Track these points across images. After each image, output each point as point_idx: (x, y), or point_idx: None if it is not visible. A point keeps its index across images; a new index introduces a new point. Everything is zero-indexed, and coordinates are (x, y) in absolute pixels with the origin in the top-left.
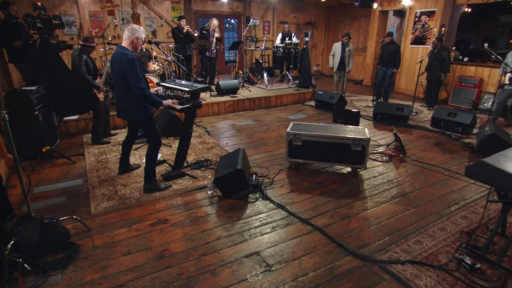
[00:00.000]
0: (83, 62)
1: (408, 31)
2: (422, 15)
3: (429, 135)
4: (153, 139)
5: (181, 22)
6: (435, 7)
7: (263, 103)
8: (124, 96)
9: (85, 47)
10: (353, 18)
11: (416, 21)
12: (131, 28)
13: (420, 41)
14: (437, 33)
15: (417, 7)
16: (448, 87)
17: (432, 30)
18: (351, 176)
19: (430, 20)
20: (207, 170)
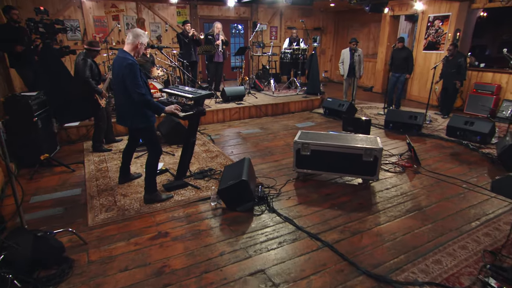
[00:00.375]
0: (87, 66)
1: (420, 37)
2: (436, 20)
3: (445, 145)
4: (153, 147)
5: (186, 26)
6: (449, 12)
7: (270, 110)
8: (124, 102)
9: (90, 51)
10: (363, 24)
11: (429, 26)
12: (135, 32)
13: (433, 47)
14: (451, 38)
15: (430, 11)
16: (463, 94)
17: (446, 35)
18: (363, 188)
19: (444, 25)
20: (211, 180)
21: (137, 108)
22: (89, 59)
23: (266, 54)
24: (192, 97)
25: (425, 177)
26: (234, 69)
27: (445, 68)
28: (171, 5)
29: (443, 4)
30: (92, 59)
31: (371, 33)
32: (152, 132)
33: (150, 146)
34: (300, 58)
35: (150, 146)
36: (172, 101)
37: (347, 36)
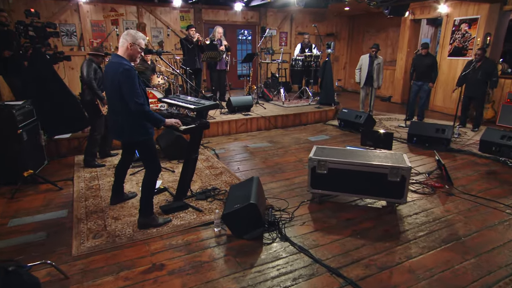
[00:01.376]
0: (92, 69)
1: (445, 42)
2: (462, 23)
3: (478, 162)
4: (151, 164)
5: (190, 31)
6: (478, 14)
7: (280, 122)
8: (119, 112)
9: (95, 57)
10: (380, 29)
11: (454, 31)
12: (126, 33)
13: (459, 53)
14: (481, 43)
15: (456, 14)
16: (495, 104)
17: (475, 40)
18: (387, 212)
19: (472, 28)
20: (214, 202)
21: (134, 120)
22: (94, 64)
23: (275, 62)
24: (194, 108)
25: (460, 199)
26: (241, 78)
27: (471, 75)
28: (174, 9)
29: (471, 6)
30: (98, 65)
31: (389, 39)
32: (150, 146)
33: (147, 162)
34: (313, 65)
35: (148, 162)
36: (173, 113)
37: (362, 42)
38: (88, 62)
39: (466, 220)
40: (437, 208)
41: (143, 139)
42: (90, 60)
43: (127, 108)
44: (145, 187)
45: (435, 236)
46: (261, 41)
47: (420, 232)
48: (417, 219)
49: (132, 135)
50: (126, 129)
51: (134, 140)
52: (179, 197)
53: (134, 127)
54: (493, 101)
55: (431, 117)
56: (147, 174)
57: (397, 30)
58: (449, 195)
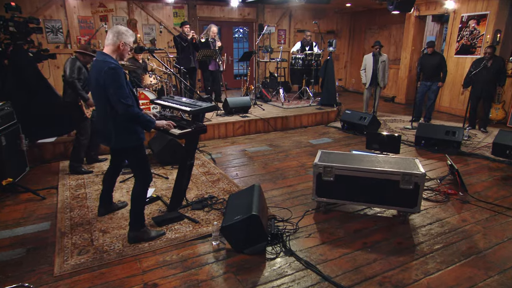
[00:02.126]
0: (75, 68)
1: (452, 39)
2: (470, 20)
3: (492, 166)
4: (141, 172)
5: (185, 28)
6: (487, 10)
7: (279, 124)
8: (106, 115)
9: (82, 56)
10: (382, 26)
11: (462, 27)
12: (116, 30)
13: (467, 51)
14: (490, 40)
15: (464, 10)
16: (506, 105)
17: (484, 37)
18: (399, 222)
19: (481, 25)
20: (211, 212)
21: (123, 123)
22: (79, 62)
23: (274, 60)
24: (190, 110)
25: (476, 208)
26: (237, 77)
27: (483, 75)
28: (167, 5)
29: (479, 2)
30: (84, 64)
31: (392, 36)
32: (140, 153)
33: (137, 171)
34: (314, 64)
35: (138, 171)
36: (166, 115)
37: (364, 40)
38: (72, 60)
39: (485, 231)
40: (452, 218)
41: (133, 145)
42: (75, 58)
43: (114, 110)
44: (136, 197)
45: (453, 249)
46: (259, 38)
47: (436, 244)
48: (431, 230)
49: (120, 141)
50: (114, 134)
51: (122, 147)
52: (174, 207)
53: (123, 132)
54: (503, 101)
55: (438, 119)
56: (138, 183)
57: (400, 27)
58: (464, 203)
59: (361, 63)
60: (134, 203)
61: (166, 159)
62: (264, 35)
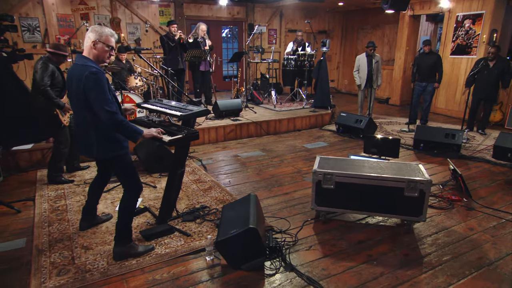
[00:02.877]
0: (48, 72)
1: (447, 39)
2: (466, 19)
3: (494, 170)
4: (130, 182)
5: (171, 27)
6: (483, 10)
7: (272, 127)
8: (86, 124)
9: (55, 56)
10: (375, 25)
11: (457, 27)
12: (90, 29)
13: (463, 51)
14: (486, 40)
15: (459, 9)
16: (503, 107)
17: (480, 37)
18: (404, 232)
19: (476, 25)
20: (204, 223)
21: (104, 132)
22: (52, 64)
23: (266, 61)
24: (181, 115)
25: (482, 215)
26: (227, 79)
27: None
28: (153, 3)
29: (475, 1)
30: (57, 65)
31: (386, 36)
32: (125, 162)
33: (124, 181)
34: (306, 65)
35: (125, 181)
36: (154, 121)
37: (357, 40)
38: (44, 63)
39: (494, 240)
40: (458, 226)
41: (116, 155)
42: (46, 60)
43: (96, 118)
44: (123, 210)
45: (463, 260)
46: (250, 38)
47: (444, 255)
48: (438, 239)
49: (102, 151)
50: (96, 144)
51: (104, 157)
52: (163, 218)
53: (105, 142)
54: (501, 102)
55: (434, 120)
56: (126, 194)
57: (394, 27)
58: (469, 209)
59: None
60: (121, 216)
61: (154, 166)
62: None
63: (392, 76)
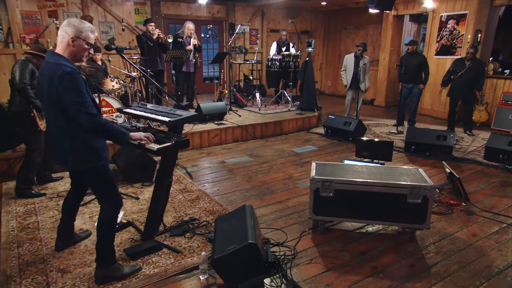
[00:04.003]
0: (27, 70)
1: (431, 39)
2: (450, 20)
3: (488, 172)
4: (108, 197)
5: (149, 26)
6: (466, 10)
7: (259, 131)
8: (61, 131)
9: (36, 58)
10: (359, 25)
11: (441, 27)
12: (67, 23)
13: (448, 51)
14: (471, 40)
15: (443, 10)
16: (489, 107)
17: (464, 37)
18: (406, 240)
19: (460, 25)
20: (195, 238)
21: (80, 139)
22: (32, 65)
23: (249, 62)
24: (169, 120)
25: (483, 219)
26: (207, 81)
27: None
28: (128, 0)
29: (458, 1)
30: (37, 67)
31: (369, 37)
32: (104, 175)
33: (102, 195)
34: (291, 66)
35: (103, 195)
36: (138, 127)
37: (340, 40)
38: (23, 62)
39: (498, 247)
40: (461, 232)
41: (94, 166)
42: (26, 60)
43: (71, 124)
44: (102, 228)
45: (471, 270)
46: (232, 38)
47: (452, 265)
48: (442, 247)
49: (79, 161)
50: (71, 154)
51: (81, 168)
52: (149, 234)
53: (81, 151)
54: (486, 103)
55: (421, 122)
56: (104, 210)
57: (377, 27)
58: (469, 214)
59: (336, 64)
60: (101, 235)
61: (135, 175)
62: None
63: (377, 77)
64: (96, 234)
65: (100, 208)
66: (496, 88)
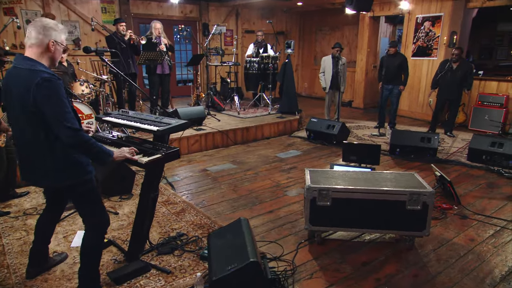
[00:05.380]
0: None
1: (408, 41)
2: (425, 21)
3: (473, 173)
4: (94, 214)
5: (119, 26)
6: (441, 12)
7: (240, 136)
8: (36, 145)
9: None
10: (334, 27)
11: (417, 29)
12: (41, 25)
13: (424, 53)
14: (447, 42)
15: (418, 11)
16: (466, 107)
17: (440, 39)
18: (406, 248)
19: (436, 27)
20: (184, 255)
21: (63, 153)
22: None
23: (226, 64)
24: (157, 130)
25: (477, 223)
26: (180, 83)
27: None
28: None
29: (433, 3)
30: None
31: (345, 38)
32: (91, 188)
33: (87, 214)
34: (271, 68)
35: (88, 214)
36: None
37: (315, 41)
38: None
39: (496, 251)
40: (458, 238)
41: (79, 181)
42: None
43: (51, 136)
44: (88, 252)
45: (475, 278)
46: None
47: (455, 273)
48: (442, 254)
49: (62, 177)
50: (52, 169)
51: (64, 184)
52: (134, 254)
53: (65, 166)
54: (463, 104)
55: (400, 123)
56: (90, 230)
57: (353, 29)
58: (463, 218)
59: (312, 66)
60: (86, 261)
61: (114, 187)
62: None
63: (354, 78)
64: (79, 258)
65: (85, 227)
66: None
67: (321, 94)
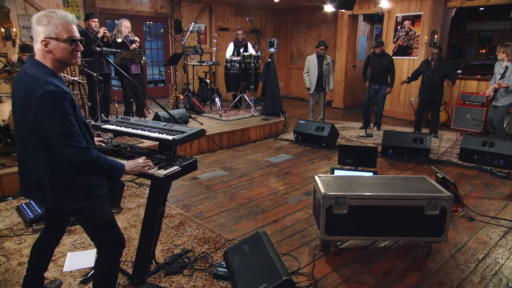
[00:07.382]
0: None
1: (388, 40)
2: (405, 20)
3: (467, 174)
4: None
5: (92, 22)
6: (421, 11)
7: (226, 140)
8: (36, 161)
9: None
10: (310, 25)
11: (397, 28)
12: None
13: (404, 52)
14: (428, 41)
15: (398, 10)
16: (448, 107)
17: (420, 38)
18: (424, 255)
19: (416, 26)
20: (195, 274)
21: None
22: None
23: (206, 64)
24: (173, 139)
25: (485, 225)
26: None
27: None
28: None
29: (413, 2)
30: None
31: (322, 36)
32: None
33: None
34: (252, 68)
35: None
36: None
37: (291, 40)
38: None
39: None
40: (471, 241)
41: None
42: None
43: (51, 155)
44: (103, 278)
45: (499, 283)
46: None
47: (479, 280)
48: (460, 259)
49: (61, 201)
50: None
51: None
52: (141, 277)
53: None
54: (445, 103)
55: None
56: (104, 256)
57: (330, 27)
58: (470, 220)
59: (288, 65)
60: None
61: None
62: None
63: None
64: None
65: (97, 251)
66: (452, 88)
67: (298, 94)
